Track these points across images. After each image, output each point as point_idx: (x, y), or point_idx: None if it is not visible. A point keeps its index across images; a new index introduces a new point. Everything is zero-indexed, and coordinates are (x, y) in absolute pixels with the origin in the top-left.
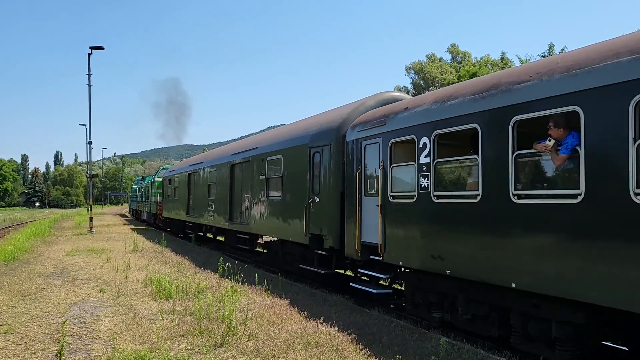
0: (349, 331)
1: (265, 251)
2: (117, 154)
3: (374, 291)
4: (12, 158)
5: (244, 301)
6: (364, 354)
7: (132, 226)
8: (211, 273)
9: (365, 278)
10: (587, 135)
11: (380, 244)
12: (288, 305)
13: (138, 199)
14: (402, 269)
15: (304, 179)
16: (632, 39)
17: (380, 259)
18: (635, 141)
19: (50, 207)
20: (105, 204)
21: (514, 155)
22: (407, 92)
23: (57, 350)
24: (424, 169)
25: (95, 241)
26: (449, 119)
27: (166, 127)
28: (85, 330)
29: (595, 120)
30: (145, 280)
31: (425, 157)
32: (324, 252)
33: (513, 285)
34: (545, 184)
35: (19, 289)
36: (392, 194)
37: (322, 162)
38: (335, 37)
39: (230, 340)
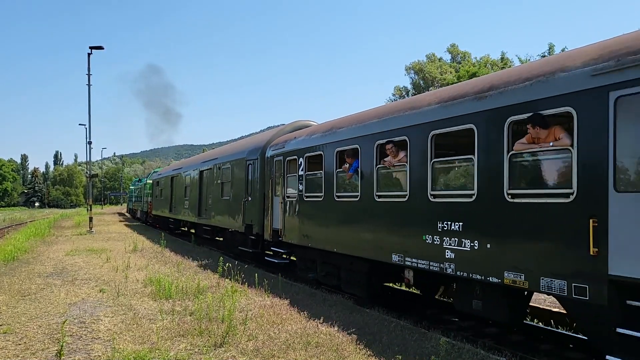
0: (349, 331)
1: (221, 239)
2: (116, 154)
3: (276, 261)
4: (11, 158)
5: (244, 301)
6: (364, 354)
7: (127, 222)
8: (211, 273)
9: (271, 252)
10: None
11: (281, 229)
12: (288, 305)
13: (134, 199)
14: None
15: (243, 184)
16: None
17: (281, 239)
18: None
19: (49, 207)
20: (104, 204)
21: (336, 172)
22: (407, 92)
23: (56, 350)
24: (300, 178)
25: (95, 241)
26: (312, 147)
27: (152, 125)
28: (85, 330)
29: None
30: (145, 280)
31: (301, 170)
32: (253, 237)
33: (335, 250)
34: (345, 190)
35: (18, 289)
36: (286, 195)
37: (253, 171)
38: (335, 37)
39: (230, 340)
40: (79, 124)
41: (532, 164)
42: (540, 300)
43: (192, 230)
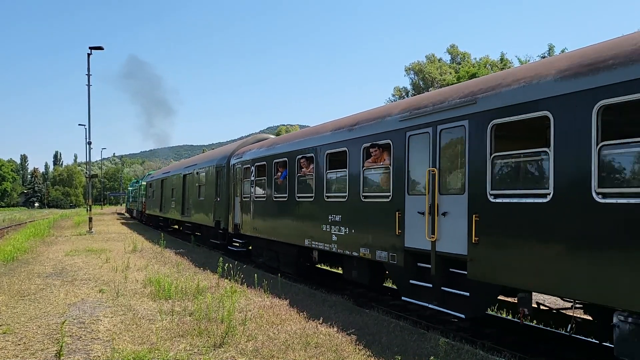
0: (348, 331)
1: (199, 234)
2: (116, 155)
3: (235, 249)
4: (11, 158)
5: (244, 301)
6: (364, 355)
7: (125, 221)
8: (210, 273)
9: (236, 243)
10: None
11: (239, 223)
12: (287, 305)
13: (132, 199)
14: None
15: (214, 187)
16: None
17: (240, 231)
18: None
19: (49, 207)
20: (104, 204)
21: (274, 178)
22: (407, 93)
23: (56, 350)
24: (252, 183)
25: (95, 241)
26: (260, 157)
27: (143, 119)
28: (84, 330)
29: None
30: (145, 280)
31: (252, 176)
32: (221, 231)
33: (274, 239)
34: (278, 192)
35: (18, 289)
36: (243, 196)
37: (221, 176)
38: (335, 38)
39: (229, 341)
40: (79, 124)
41: (374, 176)
42: (540, 301)
43: (180, 227)
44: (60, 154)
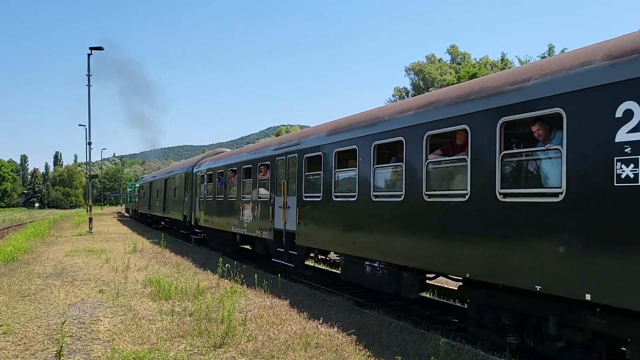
0: (348, 332)
1: (175, 227)
2: (116, 155)
3: (195, 237)
4: (11, 158)
5: (244, 302)
6: (364, 355)
7: (123, 220)
8: (211, 273)
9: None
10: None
11: (198, 218)
12: (287, 305)
13: (129, 200)
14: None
15: (183, 189)
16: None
17: (199, 223)
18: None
19: (49, 207)
20: (104, 205)
21: (215, 184)
22: (407, 93)
23: (56, 350)
24: (205, 187)
25: (95, 242)
26: (210, 168)
27: (125, 103)
28: (84, 330)
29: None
30: (145, 280)
31: (205, 182)
32: (187, 223)
33: (218, 228)
34: (219, 194)
35: (18, 289)
36: (199, 196)
37: (188, 181)
38: (335, 38)
39: (229, 341)
40: (79, 125)
41: (262, 185)
42: None
43: (163, 222)
44: (60, 154)
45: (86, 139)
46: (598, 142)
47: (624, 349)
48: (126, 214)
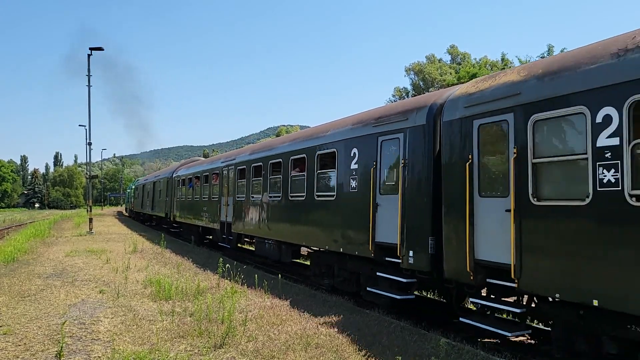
0: (348, 332)
1: (160, 223)
2: (116, 155)
3: (174, 230)
4: (11, 159)
5: (244, 302)
6: (364, 355)
7: (123, 219)
8: (211, 274)
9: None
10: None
11: (176, 214)
12: (288, 306)
13: (127, 200)
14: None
15: (165, 191)
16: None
17: (176, 218)
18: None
19: (49, 208)
20: (104, 205)
21: (186, 186)
22: (407, 93)
23: (56, 351)
24: (180, 189)
25: (95, 242)
26: (183, 174)
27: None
28: (84, 331)
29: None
30: (145, 281)
31: (180, 185)
32: (168, 219)
33: (189, 222)
34: (188, 195)
35: (18, 290)
36: (177, 197)
37: (169, 185)
38: (335, 39)
39: (229, 341)
40: (79, 125)
41: (214, 188)
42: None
43: (152, 219)
44: (60, 155)
45: (86, 139)
46: None
47: None
48: (125, 213)
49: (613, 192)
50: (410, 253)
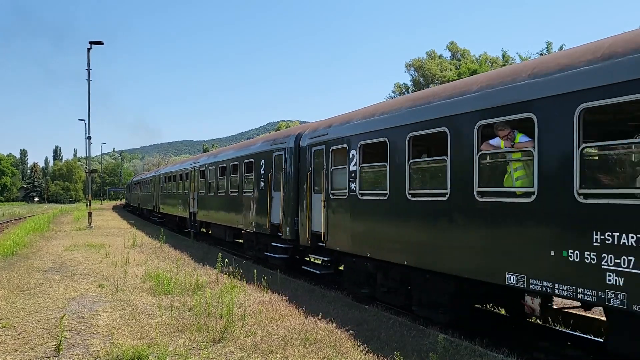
0: (347, 327)
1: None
2: (116, 149)
3: (157, 220)
4: (11, 153)
5: (243, 297)
6: (362, 350)
7: (119, 212)
8: (210, 269)
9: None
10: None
11: (159, 207)
12: (286, 301)
13: (126, 194)
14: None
15: (153, 187)
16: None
17: (161, 211)
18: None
19: (49, 202)
20: (104, 199)
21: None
22: (407, 89)
23: (55, 344)
24: (164, 185)
25: (94, 236)
26: (165, 172)
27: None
28: (83, 325)
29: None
30: (144, 275)
31: (162, 182)
32: (155, 212)
33: (169, 213)
34: (169, 190)
35: (17, 283)
36: (160, 192)
37: (156, 181)
38: (335, 35)
39: (228, 336)
40: (79, 119)
41: (185, 185)
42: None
43: (143, 210)
44: (60, 149)
45: (86, 133)
46: None
47: None
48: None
49: (355, 193)
50: (287, 229)
